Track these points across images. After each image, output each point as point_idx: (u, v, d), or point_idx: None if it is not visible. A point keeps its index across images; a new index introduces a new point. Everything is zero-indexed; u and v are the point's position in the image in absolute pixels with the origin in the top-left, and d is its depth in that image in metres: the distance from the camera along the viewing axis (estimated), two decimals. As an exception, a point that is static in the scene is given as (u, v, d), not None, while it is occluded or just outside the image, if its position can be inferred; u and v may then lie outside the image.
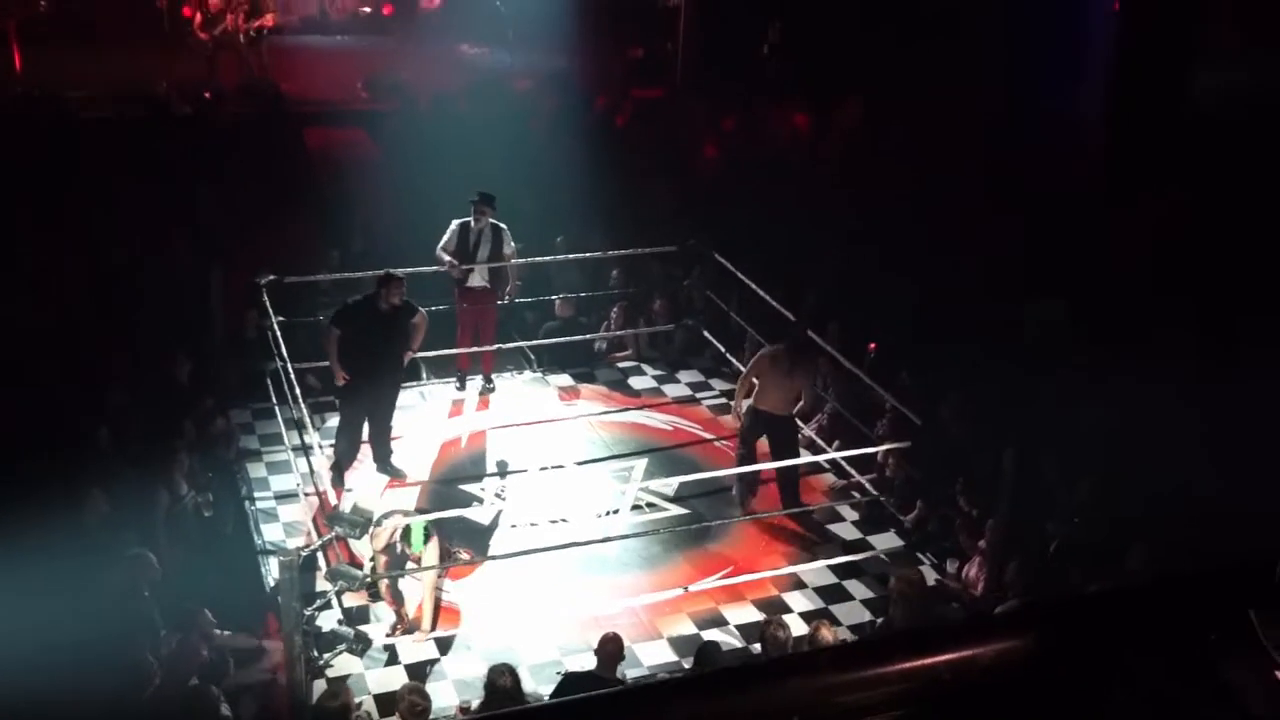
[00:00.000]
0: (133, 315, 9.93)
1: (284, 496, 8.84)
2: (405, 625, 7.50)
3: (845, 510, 9.07)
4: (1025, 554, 7.63)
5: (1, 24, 14.18)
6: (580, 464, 9.47)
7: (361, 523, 7.10)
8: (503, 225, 9.98)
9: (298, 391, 8.68)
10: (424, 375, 10.65)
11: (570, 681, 6.69)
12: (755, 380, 8.74)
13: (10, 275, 9.99)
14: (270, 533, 8.44)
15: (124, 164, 12.17)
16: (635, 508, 8.90)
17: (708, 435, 10.07)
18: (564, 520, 8.70)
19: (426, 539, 7.34)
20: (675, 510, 8.95)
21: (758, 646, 7.04)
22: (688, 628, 7.72)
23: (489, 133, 12.75)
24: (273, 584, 7.56)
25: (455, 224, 9.95)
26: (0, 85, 13.68)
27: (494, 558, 8.09)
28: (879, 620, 7.65)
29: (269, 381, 9.49)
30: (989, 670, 1.73)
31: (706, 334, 11.15)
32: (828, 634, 6.74)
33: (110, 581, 6.88)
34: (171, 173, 12.10)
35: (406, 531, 7.34)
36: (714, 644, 6.96)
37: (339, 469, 9.00)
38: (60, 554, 6.80)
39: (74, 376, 8.91)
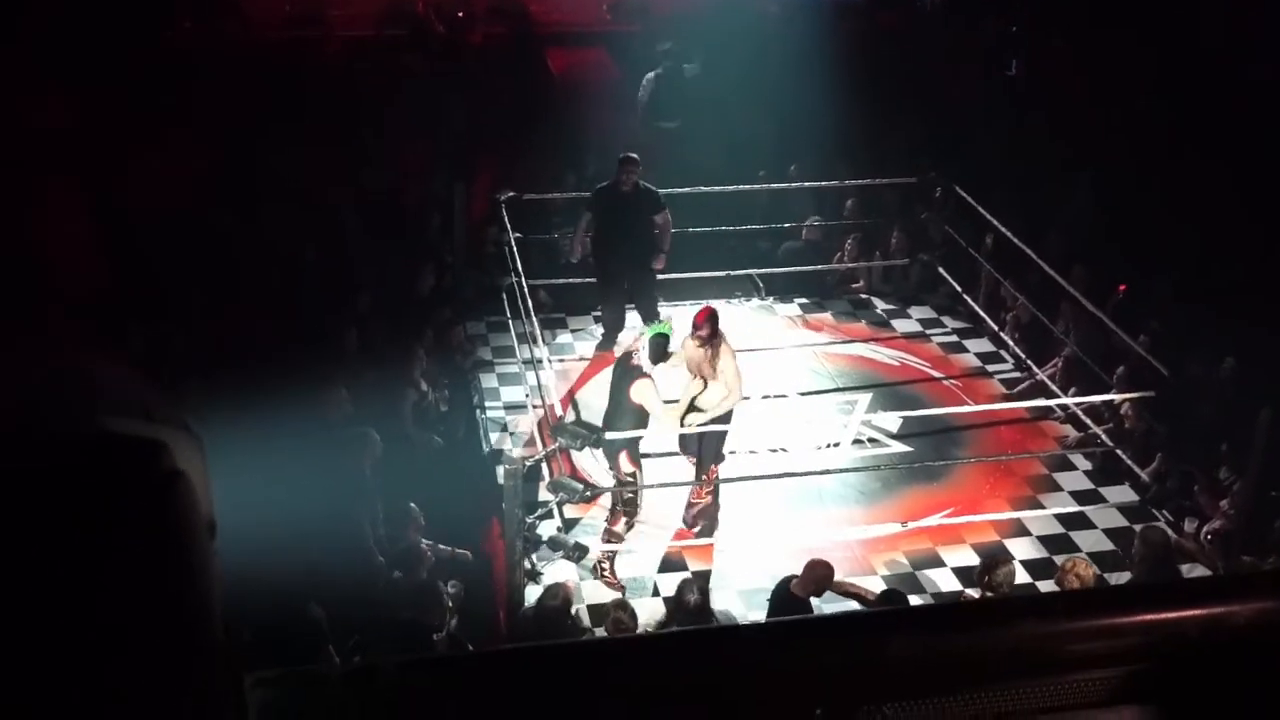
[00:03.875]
0: (385, 229, 10.28)
1: (513, 407, 9.04)
2: (622, 526, 7.45)
3: (1078, 460, 8.69)
4: (1271, 520, 7.14)
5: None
6: (803, 394, 9.35)
7: (585, 434, 7.21)
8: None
9: (530, 306, 8.84)
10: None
11: (774, 598, 6.58)
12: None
13: (276, 189, 10.46)
14: (499, 441, 8.67)
15: (382, 83, 12.60)
16: (856, 442, 8.75)
17: (936, 373, 9.82)
18: (783, 450, 8.63)
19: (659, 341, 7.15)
20: (897, 447, 8.77)
21: (973, 592, 6.84)
22: (903, 566, 7.60)
23: (731, 56, 12.59)
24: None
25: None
26: (270, 6, 14.39)
27: (710, 481, 8.07)
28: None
29: (504, 296, 9.69)
30: (1243, 631, 1.57)
31: (942, 270, 10.80)
32: (1086, 570, 6.43)
33: (337, 456, 7.16)
34: (426, 91, 12.43)
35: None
36: (898, 592, 6.77)
37: (609, 336, 9.52)
38: (306, 449, 7.06)
39: (329, 283, 9.33)
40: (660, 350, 7.22)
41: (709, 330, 7.25)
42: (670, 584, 7.27)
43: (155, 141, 10.01)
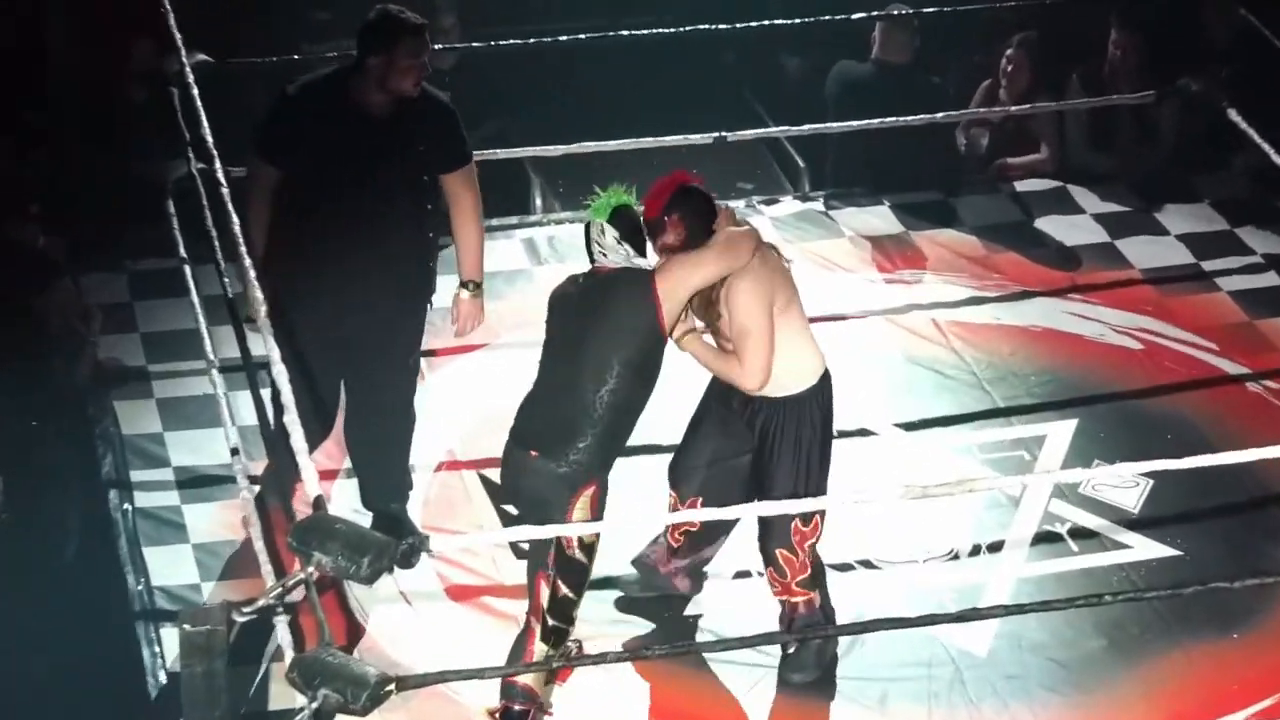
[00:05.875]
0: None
1: (205, 480, 9.25)
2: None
3: None
4: None
5: None
6: (908, 427, 9.69)
7: (374, 548, 6.98)
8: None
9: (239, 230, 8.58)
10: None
11: None
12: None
13: None
14: (166, 566, 8.74)
15: None
16: (1048, 538, 8.89)
17: (1230, 365, 10.33)
18: (879, 563, 8.85)
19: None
20: (1143, 547, 8.92)
21: None
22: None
23: None
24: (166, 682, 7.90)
25: None
26: None
27: (728, 645, 8.03)
28: None
29: (171, 205, 9.63)
30: None
31: (1235, 116, 10.72)
32: None
33: None
34: None
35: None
36: None
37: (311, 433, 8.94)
38: None
39: None
40: (634, 229, 7.71)
41: (680, 227, 7.73)
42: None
43: None
